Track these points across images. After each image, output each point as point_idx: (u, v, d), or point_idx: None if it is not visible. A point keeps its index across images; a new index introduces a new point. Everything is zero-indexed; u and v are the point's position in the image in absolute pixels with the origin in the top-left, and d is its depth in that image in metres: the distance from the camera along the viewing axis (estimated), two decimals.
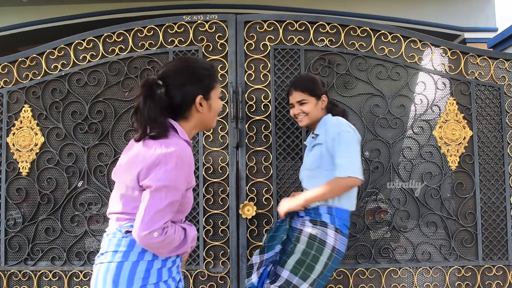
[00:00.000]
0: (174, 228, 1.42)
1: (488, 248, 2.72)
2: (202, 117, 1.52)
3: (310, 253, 1.96)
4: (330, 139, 2.03)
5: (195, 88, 1.47)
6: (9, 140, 2.75)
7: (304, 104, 2.15)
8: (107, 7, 6.21)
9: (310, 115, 2.15)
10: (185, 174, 1.40)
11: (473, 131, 2.74)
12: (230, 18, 2.70)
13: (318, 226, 2.00)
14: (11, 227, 2.74)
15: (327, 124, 2.11)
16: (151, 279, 1.39)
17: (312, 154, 2.13)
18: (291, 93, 2.20)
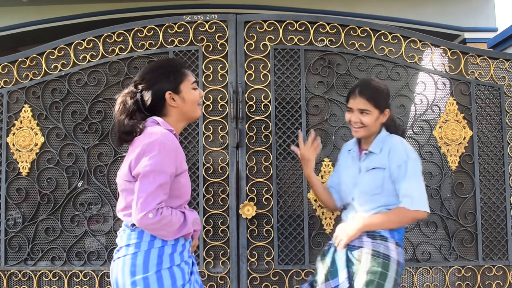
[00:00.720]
0: (170, 210, 1.53)
1: (488, 248, 2.72)
2: (180, 110, 1.64)
3: (378, 271, 1.80)
4: (395, 166, 1.86)
5: (162, 85, 1.60)
6: (9, 140, 2.75)
7: (365, 114, 1.89)
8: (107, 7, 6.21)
9: (368, 128, 1.91)
10: (170, 158, 1.52)
11: (473, 131, 2.74)
12: (230, 18, 2.70)
13: (378, 240, 1.85)
14: (11, 227, 2.74)
15: (390, 145, 1.91)
16: (164, 264, 1.51)
17: (372, 178, 1.90)
18: (354, 96, 1.92)
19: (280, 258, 2.64)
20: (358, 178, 1.95)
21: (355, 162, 2.00)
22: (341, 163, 2.10)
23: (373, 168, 1.91)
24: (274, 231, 2.63)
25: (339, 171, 2.09)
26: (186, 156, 2.66)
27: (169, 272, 1.51)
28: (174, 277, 1.52)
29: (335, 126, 2.70)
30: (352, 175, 1.98)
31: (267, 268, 2.64)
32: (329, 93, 2.72)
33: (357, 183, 1.95)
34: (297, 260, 2.65)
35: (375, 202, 1.90)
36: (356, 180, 1.95)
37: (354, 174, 1.97)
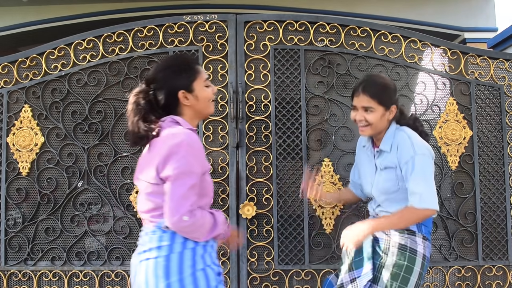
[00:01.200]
0: (201, 212, 1.54)
1: (488, 248, 2.72)
2: (194, 108, 1.63)
3: (403, 265, 1.80)
4: (403, 162, 1.83)
5: (174, 84, 1.59)
6: (9, 140, 2.75)
7: (369, 112, 1.86)
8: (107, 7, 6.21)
9: (374, 126, 1.87)
10: (197, 158, 1.53)
11: (473, 131, 2.74)
12: (230, 18, 2.70)
13: (406, 234, 1.84)
14: (11, 227, 2.74)
15: (398, 141, 1.88)
16: (198, 265, 1.52)
17: (386, 178, 1.89)
18: (357, 94, 1.88)
19: (280, 258, 2.64)
20: (374, 177, 1.94)
21: (371, 159, 1.98)
22: (358, 159, 2.10)
23: (385, 167, 1.89)
24: (274, 231, 2.63)
25: (358, 166, 2.10)
26: None
27: (203, 273, 1.53)
28: (208, 278, 1.53)
29: (335, 126, 2.70)
30: (370, 173, 1.97)
31: (267, 268, 2.64)
32: (329, 93, 2.72)
33: (373, 182, 1.94)
34: (297, 260, 2.65)
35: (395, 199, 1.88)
36: (372, 179, 1.95)
37: (371, 172, 1.97)
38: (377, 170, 1.93)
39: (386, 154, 1.89)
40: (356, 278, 1.83)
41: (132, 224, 2.69)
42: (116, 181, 2.71)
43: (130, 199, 2.68)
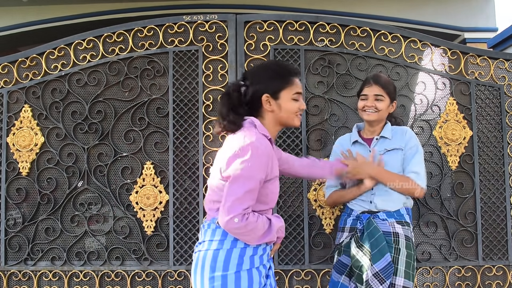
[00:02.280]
0: (257, 216, 1.56)
1: (488, 248, 2.72)
2: (275, 116, 1.67)
3: (412, 254, 2.07)
4: (409, 147, 2.16)
5: (263, 86, 1.63)
6: (9, 140, 2.75)
7: (380, 100, 2.18)
8: (107, 7, 6.21)
9: (381, 113, 2.19)
10: (261, 164, 1.55)
11: (473, 131, 2.74)
12: (230, 18, 2.70)
13: (405, 227, 2.12)
14: (11, 227, 2.74)
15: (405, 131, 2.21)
16: (244, 265, 1.55)
17: (392, 158, 2.16)
18: (369, 84, 2.20)
19: (280, 258, 2.64)
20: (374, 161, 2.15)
21: (365, 149, 2.22)
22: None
23: (393, 149, 2.16)
24: None
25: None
26: (186, 156, 2.67)
27: (248, 274, 1.55)
28: (252, 280, 1.55)
29: (335, 126, 2.70)
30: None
31: None
32: (329, 93, 2.72)
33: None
34: (297, 260, 2.65)
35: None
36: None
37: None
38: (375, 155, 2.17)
39: (388, 141, 2.19)
40: (378, 272, 1.96)
41: (132, 224, 2.69)
42: (116, 181, 2.71)
43: (130, 199, 2.68)
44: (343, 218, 2.25)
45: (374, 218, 2.10)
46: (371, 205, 2.14)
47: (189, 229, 2.65)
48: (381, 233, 2.03)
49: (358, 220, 2.15)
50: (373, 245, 2.01)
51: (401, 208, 2.15)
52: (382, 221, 2.10)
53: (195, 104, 2.69)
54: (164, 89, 2.71)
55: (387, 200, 2.13)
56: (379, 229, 2.05)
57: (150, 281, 2.67)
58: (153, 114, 2.71)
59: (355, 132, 2.30)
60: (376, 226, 2.06)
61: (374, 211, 2.13)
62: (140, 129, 2.70)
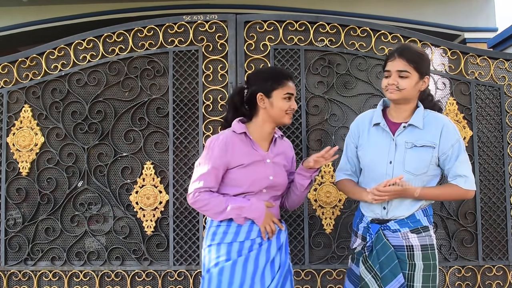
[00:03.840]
0: (209, 196, 1.84)
1: (488, 248, 2.72)
2: (267, 112, 1.89)
3: (430, 264, 1.79)
4: (448, 145, 1.80)
5: (258, 87, 1.89)
6: (9, 140, 2.75)
7: (404, 77, 1.78)
8: (107, 7, 6.21)
9: (405, 92, 1.79)
10: (214, 154, 1.84)
11: (473, 131, 2.74)
12: (230, 18, 2.70)
13: (422, 234, 1.81)
14: (11, 227, 2.74)
15: (442, 123, 1.82)
16: (215, 240, 1.84)
17: (419, 156, 1.80)
18: (393, 58, 1.81)
19: None
20: (395, 155, 1.82)
21: (387, 136, 1.85)
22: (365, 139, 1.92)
23: (423, 146, 1.80)
24: None
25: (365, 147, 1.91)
26: (186, 156, 2.67)
27: (216, 247, 1.83)
28: (219, 252, 1.82)
29: (335, 126, 2.70)
30: (386, 151, 1.84)
31: None
32: (329, 93, 2.72)
33: (395, 160, 1.82)
34: (297, 260, 2.64)
35: (418, 183, 1.81)
36: (392, 157, 1.82)
37: (388, 150, 1.83)
38: (399, 147, 1.82)
39: (419, 132, 1.81)
40: None
41: (132, 224, 2.69)
42: (116, 181, 2.71)
43: (130, 199, 2.68)
44: (356, 220, 1.98)
45: (384, 230, 1.81)
46: (383, 211, 1.84)
47: (189, 229, 2.65)
48: (392, 250, 1.77)
49: (368, 231, 1.87)
50: (383, 264, 1.77)
51: (416, 211, 1.83)
52: (393, 233, 1.81)
53: (195, 104, 2.69)
54: (164, 89, 2.71)
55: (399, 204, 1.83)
56: (389, 245, 1.79)
57: (150, 281, 2.67)
58: (153, 114, 2.71)
59: (379, 111, 1.90)
60: (386, 242, 1.79)
61: (385, 219, 1.84)
62: (140, 129, 2.70)
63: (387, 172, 1.82)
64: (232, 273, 1.76)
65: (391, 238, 1.80)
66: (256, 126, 1.92)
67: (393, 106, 1.89)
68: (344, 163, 2.01)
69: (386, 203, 1.84)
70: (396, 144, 1.83)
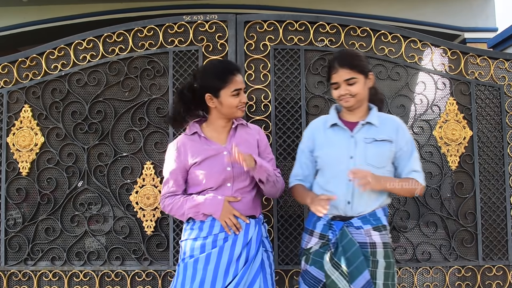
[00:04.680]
0: (174, 199, 1.94)
1: (488, 248, 2.72)
2: (219, 111, 1.93)
3: (390, 262, 1.85)
4: (404, 142, 1.91)
5: (206, 87, 1.90)
6: (9, 140, 2.75)
7: (353, 84, 1.88)
8: (107, 7, 6.21)
9: (358, 96, 1.89)
10: (170, 158, 1.96)
11: (473, 131, 2.74)
12: (230, 18, 2.70)
13: (383, 232, 1.88)
14: (11, 227, 2.74)
15: (397, 122, 1.95)
16: (184, 236, 1.97)
17: (379, 150, 1.88)
18: (335, 70, 1.90)
19: (280, 258, 2.64)
20: (356, 150, 1.89)
21: (345, 134, 1.93)
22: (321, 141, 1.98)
23: (383, 140, 1.89)
24: (274, 231, 2.63)
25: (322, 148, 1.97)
26: None
27: (184, 244, 1.94)
28: (185, 248, 1.92)
29: None
30: (346, 147, 1.90)
31: None
32: (329, 93, 2.71)
33: (356, 155, 1.88)
34: (297, 260, 2.64)
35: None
36: (353, 152, 1.89)
37: (348, 147, 1.90)
38: (359, 143, 1.89)
39: (374, 128, 1.92)
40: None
41: (132, 224, 2.69)
42: (116, 181, 2.71)
43: (130, 199, 2.68)
44: (312, 219, 1.98)
45: (348, 227, 1.85)
46: (347, 207, 1.87)
47: None
48: (357, 246, 1.80)
49: (329, 228, 1.89)
50: (349, 261, 1.79)
51: (377, 209, 1.90)
52: (357, 229, 1.85)
53: None
54: (164, 89, 2.71)
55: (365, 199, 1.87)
56: (354, 241, 1.81)
57: (150, 281, 2.67)
58: (153, 114, 2.71)
59: (333, 114, 2.01)
60: (351, 238, 1.82)
61: (347, 216, 1.87)
62: (140, 129, 2.70)
63: (348, 167, 1.85)
64: (194, 269, 1.82)
65: (355, 235, 1.84)
66: (209, 123, 2.00)
67: (345, 109, 1.99)
68: (297, 169, 2.08)
69: (351, 198, 1.87)
70: (356, 141, 1.91)
